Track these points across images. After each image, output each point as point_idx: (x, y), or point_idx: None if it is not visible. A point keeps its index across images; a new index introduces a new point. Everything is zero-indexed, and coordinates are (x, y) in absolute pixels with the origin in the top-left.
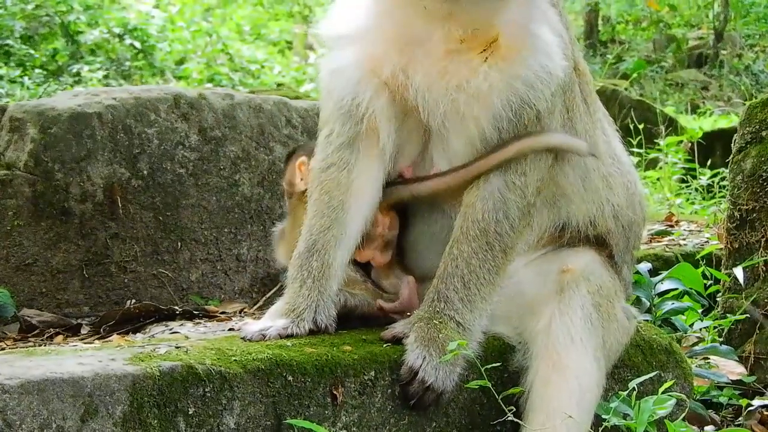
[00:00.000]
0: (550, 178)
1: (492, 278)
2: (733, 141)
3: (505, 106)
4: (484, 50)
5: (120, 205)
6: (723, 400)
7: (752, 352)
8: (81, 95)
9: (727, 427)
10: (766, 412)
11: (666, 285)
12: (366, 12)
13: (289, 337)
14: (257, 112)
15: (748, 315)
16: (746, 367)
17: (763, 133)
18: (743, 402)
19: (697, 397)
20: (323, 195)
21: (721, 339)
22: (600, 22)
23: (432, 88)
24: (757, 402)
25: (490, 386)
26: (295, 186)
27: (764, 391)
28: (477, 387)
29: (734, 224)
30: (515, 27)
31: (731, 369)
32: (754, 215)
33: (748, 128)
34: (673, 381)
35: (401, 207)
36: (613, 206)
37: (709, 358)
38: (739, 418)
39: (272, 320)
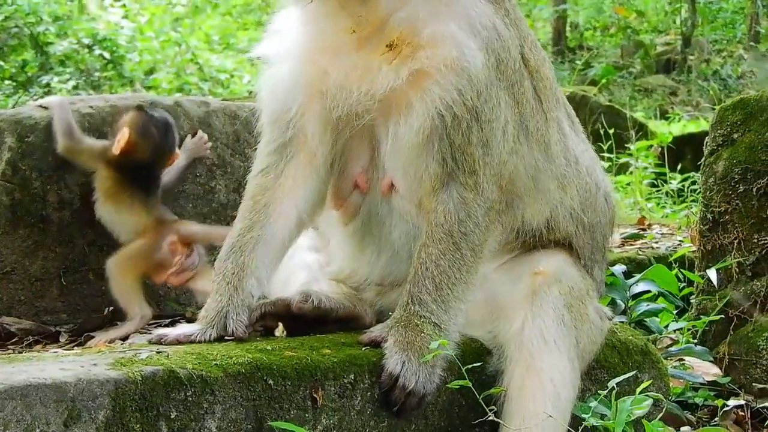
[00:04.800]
0: (508, 176)
1: (464, 277)
2: (704, 143)
3: (425, 114)
4: (389, 50)
5: None
6: (698, 400)
7: (726, 353)
8: None
9: (702, 427)
10: (741, 413)
11: (640, 287)
12: (292, 28)
13: (191, 343)
14: (232, 119)
15: (722, 316)
16: (721, 369)
17: (735, 136)
18: (719, 402)
19: (673, 398)
20: (248, 200)
21: (695, 341)
22: (568, 28)
23: (346, 84)
24: (732, 402)
25: (470, 386)
26: (115, 141)
27: (739, 391)
28: (457, 387)
29: (707, 226)
30: (417, 26)
31: (706, 370)
32: (727, 217)
33: (719, 131)
34: (650, 381)
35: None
36: (568, 209)
37: (684, 360)
38: (715, 419)
39: (196, 325)
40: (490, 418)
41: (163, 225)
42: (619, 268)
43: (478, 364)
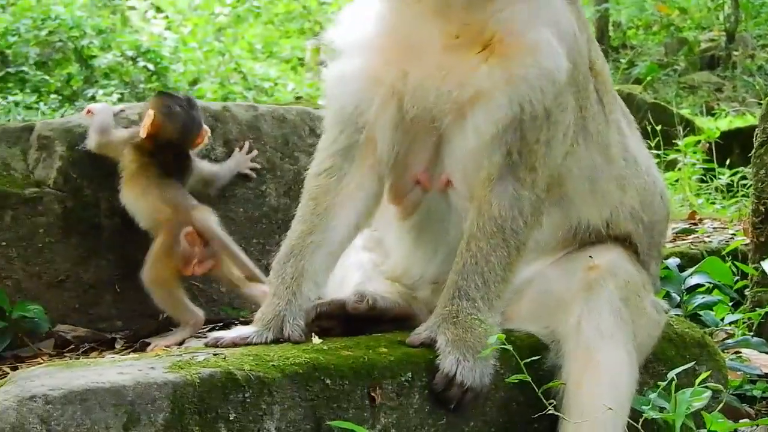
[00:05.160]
0: (558, 177)
1: (507, 275)
2: (754, 136)
3: (505, 105)
4: (483, 49)
5: None
6: (757, 393)
7: None
8: None
9: (762, 418)
10: None
11: (695, 279)
12: (369, 20)
13: (248, 345)
14: (281, 122)
15: None
16: None
17: None
18: None
19: (731, 391)
20: (309, 201)
21: (750, 333)
22: (611, 27)
23: (427, 85)
24: None
25: (529, 379)
26: (141, 125)
27: None
28: (515, 382)
29: (759, 218)
30: (513, 28)
31: (764, 362)
32: None
33: None
34: (708, 372)
35: None
36: (628, 209)
37: (740, 352)
38: None
39: (252, 327)
40: (550, 412)
41: (179, 213)
42: (673, 261)
43: (537, 357)
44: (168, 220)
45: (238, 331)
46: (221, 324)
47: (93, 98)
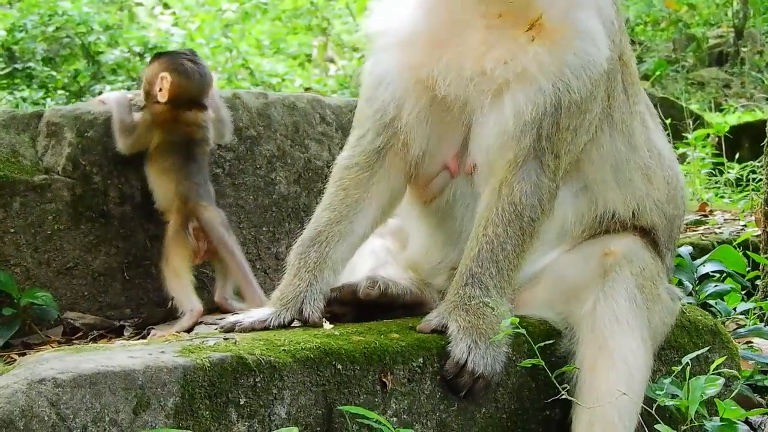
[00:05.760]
0: (577, 163)
1: (520, 263)
2: (766, 126)
3: (549, 89)
4: (530, 29)
5: None
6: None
7: None
8: None
9: None
10: None
11: (707, 268)
12: (408, 11)
13: (265, 329)
14: (291, 110)
15: None
16: None
17: None
18: None
19: (743, 381)
20: (339, 191)
21: (762, 323)
22: None
23: (465, 61)
24: None
25: (543, 364)
26: (153, 92)
27: None
28: (528, 367)
29: None
30: (560, 9)
31: None
32: None
33: None
34: (723, 358)
35: None
36: (654, 201)
37: (752, 342)
38: None
39: (268, 308)
40: (563, 397)
41: (187, 206)
42: (685, 249)
43: (550, 342)
44: (178, 211)
45: (255, 315)
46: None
47: (100, 94)
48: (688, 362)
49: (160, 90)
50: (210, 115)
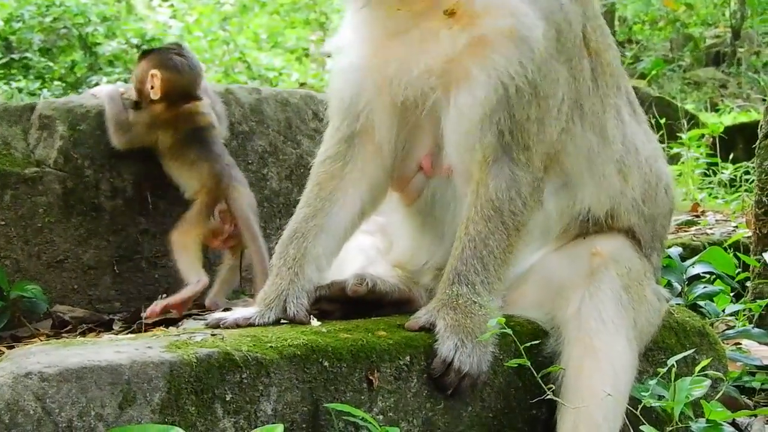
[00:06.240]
0: (556, 155)
1: (507, 258)
2: (759, 127)
3: (488, 84)
4: (447, 17)
5: (150, 201)
6: (756, 384)
7: None
8: None
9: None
10: None
11: (696, 269)
12: (359, 22)
13: (250, 326)
14: (284, 106)
15: None
16: None
17: None
18: None
19: (731, 383)
20: (314, 186)
21: (751, 325)
22: (617, 22)
23: (406, 68)
24: None
25: (528, 364)
26: (145, 90)
27: None
28: (515, 367)
29: (762, 210)
30: None
31: (763, 354)
32: None
33: None
34: (709, 360)
35: None
36: (629, 200)
37: (740, 344)
38: None
39: (254, 308)
40: (548, 397)
41: (219, 187)
42: (675, 251)
43: (537, 342)
44: (209, 193)
45: (240, 313)
46: (222, 309)
47: (97, 85)
48: (673, 363)
49: (152, 88)
50: (207, 102)
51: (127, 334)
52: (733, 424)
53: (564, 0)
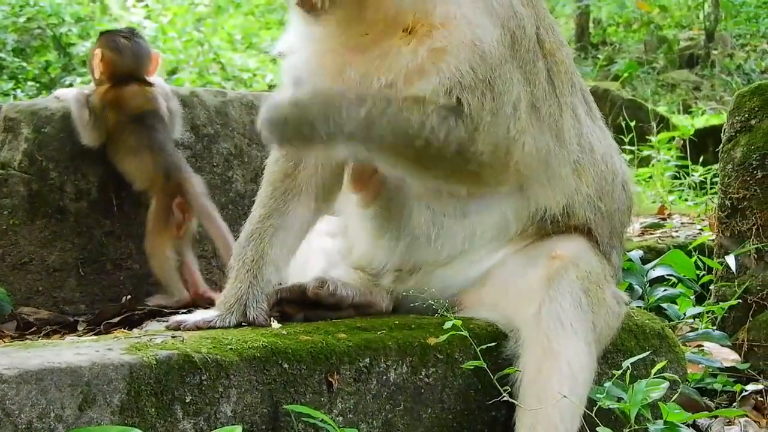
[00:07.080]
0: (518, 156)
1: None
2: (723, 130)
3: (434, 71)
4: (405, 35)
5: (115, 203)
6: (717, 386)
7: (745, 340)
8: None
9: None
10: (760, 398)
11: (658, 272)
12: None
13: (210, 329)
14: (249, 108)
15: (740, 301)
16: (740, 355)
17: (753, 122)
18: (737, 388)
19: (692, 384)
20: (268, 186)
21: (714, 327)
22: (591, 24)
23: (368, 80)
24: (751, 387)
25: (485, 366)
26: (93, 70)
27: (758, 377)
28: (472, 369)
29: (725, 213)
30: (428, 6)
31: (725, 356)
32: (745, 203)
33: (737, 117)
34: (665, 362)
35: None
36: (584, 197)
37: (702, 346)
38: (734, 405)
39: (214, 311)
40: (505, 399)
41: (170, 182)
42: (636, 254)
43: (494, 344)
44: (162, 190)
45: (201, 315)
46: (185, 310)
47: (71, 86)
48: (628, 366)
49: (95, 67)
50: (157, 90)
51: (91, 335)
52: (694, 425)
53: (517, 7)
